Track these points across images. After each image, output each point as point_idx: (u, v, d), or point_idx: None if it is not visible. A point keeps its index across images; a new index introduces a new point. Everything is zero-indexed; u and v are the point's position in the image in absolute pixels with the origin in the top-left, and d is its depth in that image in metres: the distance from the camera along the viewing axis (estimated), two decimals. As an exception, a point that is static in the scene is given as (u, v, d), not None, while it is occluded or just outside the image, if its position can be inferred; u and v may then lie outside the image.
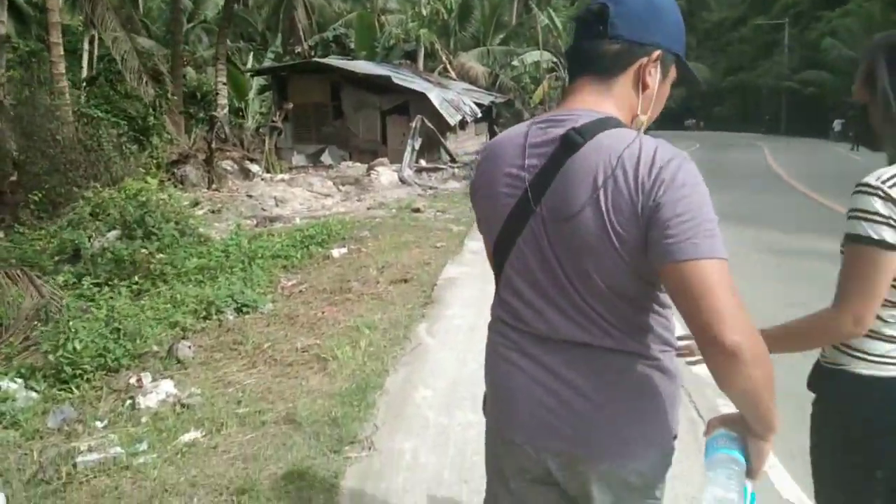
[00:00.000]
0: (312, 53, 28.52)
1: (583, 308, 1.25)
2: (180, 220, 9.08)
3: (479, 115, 20.82)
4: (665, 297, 1.27)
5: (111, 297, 6.30)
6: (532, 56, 22.38)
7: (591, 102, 1.28)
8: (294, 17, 40.57)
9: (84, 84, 18.76)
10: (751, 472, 1.24)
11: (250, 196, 12.55)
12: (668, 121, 50.21)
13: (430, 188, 14.40)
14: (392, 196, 13.45)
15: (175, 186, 12.85)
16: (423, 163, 18.16)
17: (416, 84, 19.04)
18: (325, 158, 19.76)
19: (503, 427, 1.40)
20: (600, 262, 1.21)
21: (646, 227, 1.14)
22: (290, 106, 17.26)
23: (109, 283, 6.95)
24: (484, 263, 1.58)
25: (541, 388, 1.31)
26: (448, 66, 23.90)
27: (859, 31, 39.76)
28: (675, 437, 1.34)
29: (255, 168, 15.57)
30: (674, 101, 35.79)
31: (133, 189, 12.16)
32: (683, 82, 1.40)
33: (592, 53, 1.27)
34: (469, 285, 6.10)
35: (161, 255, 8.04)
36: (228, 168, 15.31)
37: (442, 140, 18.29)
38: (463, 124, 20.13)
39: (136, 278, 7.01)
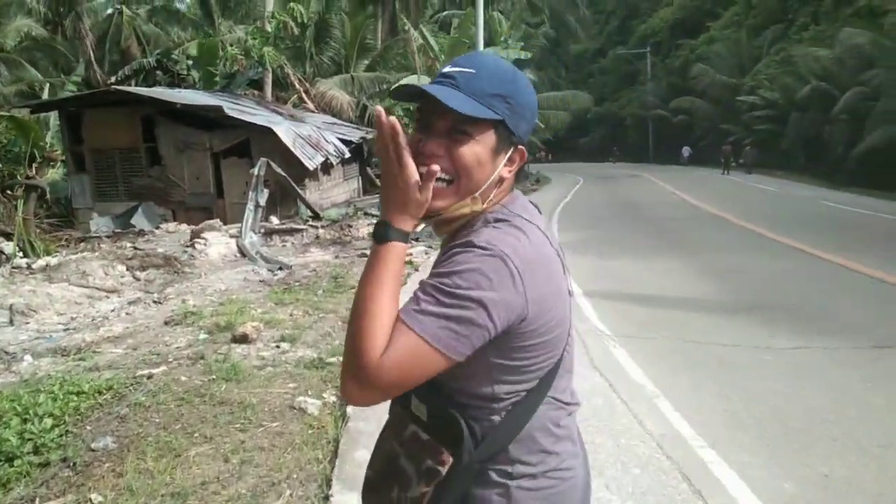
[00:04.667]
0: (133, 83, 22.95)
1: None
2: None
3: (347, 154, 16.35)
4: None
5: None
6: (408, 80, 18.31)
7: None
8: (128, 48, 34.75)
9: None
10: None
11: (-43, 310, 7.30)
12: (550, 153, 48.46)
13: (281, 268, 9.69)
14: (218, 286, 8.62)
15: None
16: (274, 221, 13.42)
17: (259, 116, 14.30)
18: (139, 221, 14.46)
19: None
20: None
21: None
22: (57, 151, 11.98)
23: None
24: None
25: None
26: (304, 96, 19.29)
27: (728, 56, 39.60)
28: None
29: (9, 248, 10.17)
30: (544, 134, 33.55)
31: None
32: None
33: None
34: None
35: None
36: (-39, 251, 9.83)
37: (298, 190, 13.62)
38: (327, 167, 15.58)
39: None
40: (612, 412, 3.93)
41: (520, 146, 1.21)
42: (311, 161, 14.02)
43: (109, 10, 36.75)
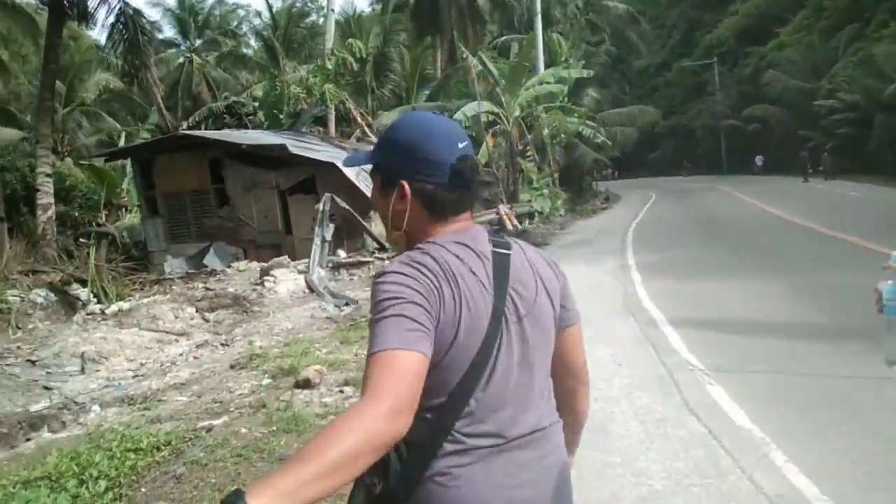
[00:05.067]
0: (203, 128, 23.65)
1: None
2: None
3: (411, 184, 16.19)
4: None
5: None
6: (470, 108, 18.08)
7: (473, 224, 1.41)
8: (199, 94, 36.13)
9: None
10: None
11: (32, 362, 7.37)
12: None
13: (347, 303, 9.49)
14: (285, 325, 8.48)
15: None
16: (341, 255, 13.33)
17: (322, 153, 14.34)
18: (211, 261, 14.66)
19: None
20: (551, 337, 1.40)
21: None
22: (125, 197, 12.25)
23: None
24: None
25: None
26: (366, 129, 19.37)
27: (801, 60, 37.88)
28: None
29: (84, 295, 10.38)
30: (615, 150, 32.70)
31: None
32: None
33: (474, 196, 1.41)
34: None
35: None
36: (41, 300, 10.09)
37: (364, 223, 13.52)
38: (391, 199, 15.44)
39: None
40: (716, 467, 3.41)
41: (402, 180, 1.33)
42: (375, 193, 13.92)
43: (181, 60, 38.39)
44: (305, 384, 5.30)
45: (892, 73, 25.07)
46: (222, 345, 7.81)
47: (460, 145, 1.34)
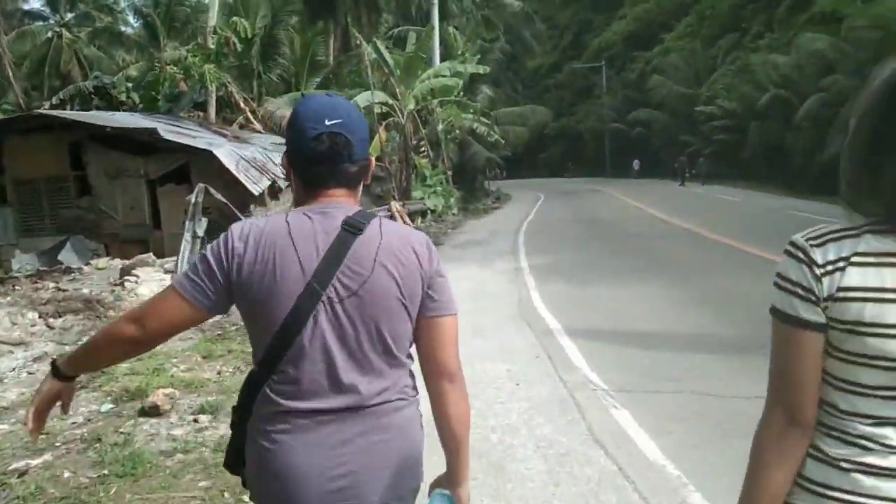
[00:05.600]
0: (68, 109, 21.47)
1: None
2: None
3: (298, 177, 15.24)
4: None
5: None
6: (363, 98, 17.27)
7: (345, 202, 1.45)
8: (68, 73, 33.01)
9: None
10: None
11: None
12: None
13: (220, 307, 8.56)
14: (145, 334, 7.45)
15: None
16: (218, 252, 12.22)
17: (199, 139, 13.16)
18: (67, 257, 13.13)
19: None
20: (392, 322, 1.39)
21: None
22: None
23: None
24: None
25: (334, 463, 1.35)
26: (251, 116, 18.15)
27: (684, 66, 39.57)
28: None
29: None
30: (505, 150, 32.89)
31: None
32: None
33: (344, 174, 1.43)
34: None
35: None
36: None
37: (242, 217, 12.47)
38: (275, 192, 14.46)
39: None
40: (631, 517, 2.96)
41: (285, 155, 1.48)
42: (257, 185, 12.91)
43: (49, 34, 34.98)
44: (153, 411, 4.47)
45: (766, 83, 26.44)
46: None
47: (328, 122, 1.37)
